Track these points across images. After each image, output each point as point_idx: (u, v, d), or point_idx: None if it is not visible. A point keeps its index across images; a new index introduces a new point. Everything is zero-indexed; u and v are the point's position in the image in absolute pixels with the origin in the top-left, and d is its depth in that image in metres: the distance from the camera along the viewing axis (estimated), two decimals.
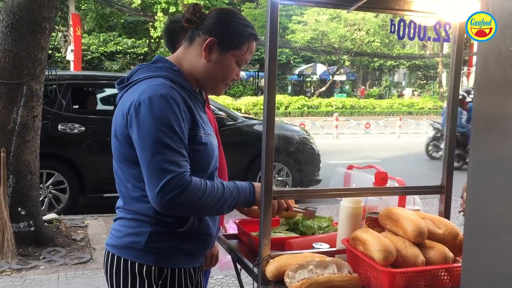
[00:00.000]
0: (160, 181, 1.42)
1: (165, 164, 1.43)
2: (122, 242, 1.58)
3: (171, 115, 1.45)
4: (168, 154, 1.43)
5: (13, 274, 4.12)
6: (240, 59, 1.63)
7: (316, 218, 2.24)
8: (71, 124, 5.92)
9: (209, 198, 1.50)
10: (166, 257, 1.57)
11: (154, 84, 1.50)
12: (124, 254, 1.58)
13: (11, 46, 4.40)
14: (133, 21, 25.62)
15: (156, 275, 1.56)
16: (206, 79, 1.63)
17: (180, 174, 1.44)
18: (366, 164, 2.35)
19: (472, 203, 1.16)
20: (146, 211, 1.55)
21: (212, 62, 1.60)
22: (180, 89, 1.54)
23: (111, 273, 1.60)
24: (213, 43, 1.58)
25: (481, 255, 1.13)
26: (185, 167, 1.46)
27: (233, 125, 6.58)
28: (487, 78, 1.11)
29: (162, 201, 1.43)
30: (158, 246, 1.56)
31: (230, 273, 3.92)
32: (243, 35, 1.60)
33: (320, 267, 1.64)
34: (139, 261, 1.56)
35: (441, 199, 2.09)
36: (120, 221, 1.62)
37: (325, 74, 32.62)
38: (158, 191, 1.42)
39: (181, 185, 1.43)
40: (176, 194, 1.42)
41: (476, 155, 1.13)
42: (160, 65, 1.59)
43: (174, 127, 1.45)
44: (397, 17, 1.90)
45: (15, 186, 4.52)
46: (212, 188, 1.52)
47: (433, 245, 1.74)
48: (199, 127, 1.56)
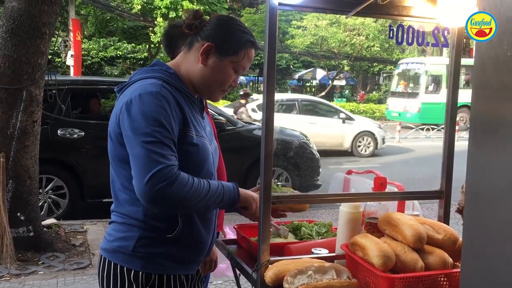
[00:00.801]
0: (148, 172, 1.41)
1: (154, 156, 1.42)
2: (112, 245, 1.59)
3: (160, 111, 1.47)
4: (157, 147, 1.43)
5: (12, 280, 4.11)
6: (238, 65, 1.64)
7: (316, 224, 2.25)
8: (70, 129, 5.92)
9: (196, 193, 1.48)
10: (154, 263, 1.57)
11: (145, 83, 1.53)
12: (113, 258, 1.59)
13: (10, 51, 4.41)
14: (133, 26, 25.65)
15: (144, 281, 1.55)
16: (203, 84, 1.64)
17: (169, 166, 1.43)
18: (365, 169, 2.35)
19: (471, 208, 1.16)
20: (135, 214, 1.55)
21: (209, 67, 1.61)
22: (173, 89, 1.56)
23: (102, 276, 1.61)
24: (210, 49, 1.60)
25: (480, 260, 1.13)
26: (173, 161, 1.46)
27: (232, 130, 6.58)
28: (484, 83, 1.11)
29: (150, 192, 1.41)
30: (146, 251, 1.56)
31: (230, 278, 3.91)
32: (240, 41, 1.62)
33: (319, 272, 1.64)
34: (127, 266, 1.56)
35: (440, 204, 2.09)
36: (112, 224, 1.64)
37: (324, 79, 32.68)
38: (146, 181, 1.40)
39: (169, 176, 1.42)
40: (165, 186, 1.41)
41: (474, 160, 1.13)
42: (157, 68, 1.62)
43: (163, 122, 1.46)
44: (396, 23, 1.91)
45: (14, 191, 4.52)
46: (199, 183, 1.50)
47: (432, 251, 1.73)
48: (190, 128, 1.56)
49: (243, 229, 2.20)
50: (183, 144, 1.53)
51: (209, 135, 1.71)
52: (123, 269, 1.56)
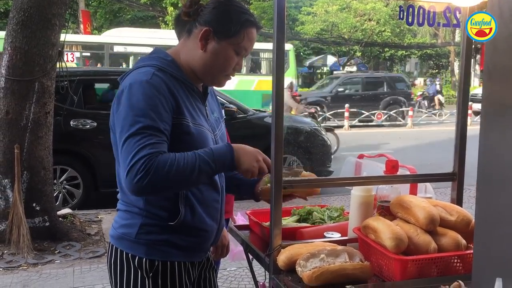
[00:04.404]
0: (126, 166, 1.41)
1: (133, 149, 1.41)
2: (117, 232, 1.62)
3: (148, 100, 1.45)
4: (139, 139, 1.42)
5: (29, 269, 4.18)
6: (239, 47, 1.59)
7: (328, 208, 2.25)
8: (83, 120, 5.97)
9: (180, 169, 1.44)
10: (157, 250, 1.57)
11: (138, 72, 1.53)
12: (119, 245, 1.61)
13: (22, 43, 4.44)
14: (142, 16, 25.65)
15: (148, 267, 1.57)
16: (204, 70, 1.61)
17: (144, 156, 1.40)
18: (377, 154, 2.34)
19: (483, 189, 1.15)
20: (137, 203, 1.57)
21: (209, 52, 1.58)
22: (167, 77, 1.53)
23: (110, 262, 1.64)
24: (209, 33, 1.56)
25: (492, 241, 1.13)
26: (154, 149, 1.42)
27: (243, 118, 6.58)
28: (496, 62, 1.10)
29: (130, 186, 1.41)
30: (149, 238, 1.57)
31: (243, 265, 3.94)
32: (239, 22, 1.57)
33: (332, 255, 1.64)
34: (132, 252, 1.58)
35: (453, 187, 2.07)
36: (118, 212, 1.66)
37: (335, 66, 32.43)
38: (126, 175, 1.41)
39: (145, 167, 1.39)
40: (140, 177, 1.39)
41: (486, 140, 1.12)
42: (154, 56, 1.60)
43: (149, 112, 1.44)
44: (407, 4, 1.88)
45: (29, 182, 4.58)
46: (182, 159, 1.45)
47: (445, 232, 1.73)
48: (184, 116, 1.53)
49: (255, 215, 2.21)
50: (178, 133, 1.51)
51: (214, 122, 1.69)
52: (128, 256, 1.58)
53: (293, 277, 1.67)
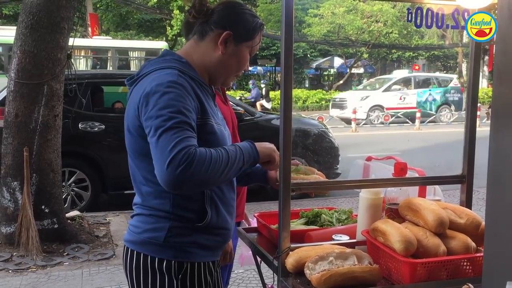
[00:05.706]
0: (167, 158, 1.40)
1: (172, 142, 1.41)
2: (141, 237, 1.59)
3: (179, 99, 1.47)
4: (175, 133, 1.42)
5: (38, 271, 4.20)
6: (253, 49, 1.68)
7: (336, 211, 2.24)
8: (91, 122, 6.00)
9: (217, 165, 1.46)
10: (186, 252, 1.58)
11: (161, 74, 1.53)
12: (143, 250, 1.59)
13: (31, 47, 4.47)
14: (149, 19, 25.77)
15: (176, 270, 1.57)
16: (221, 72, 1.66)
17: (185, 147, 1.41)
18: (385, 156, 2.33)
19: (493, 191, 1.14)
20: (163, 206, 1.56)
21: (228, 55, 1.63)
22: (188, 79, 1.56)
23: (130, 268, 1.61)
24: (229, 36, 1.61)
25: (503, 244, 1.12)
26: (191, 141, 1.44)
27: (251, 120, 6.59)
28: (506, 64, 1.09)
29: (172, 177, 1.40)
30: (177, 241, 1.57)
31: (251, 267, 3.93)
32: (254, 25, 1.65)
33: (340, 258, 1.64)
34: (159, 256, 1.57)
35: (462, 189, 2.06)
36: (138, 217, 1.63)
37: (342, 67, 32.41)
38: (166, 167, 1.39)
39: (187, 158, 1.40)
40: (184, 167, 1.39)
41: (496, 142, 1.11)
42: (169, 58, 1.61)
43: (181, 109, 1.46)
44: (415, 6, 1.87)
45: (38, 185, 4.60)
46: (217, 154, 1.48)
47: (454, 235, 1.72)
48: (208, 116, 1.56)
49: (264, 217, 2.21)
50: (203, 133, 1.53)
51: (221, 121, 1.71)
52: (154, 260, 1.57)
53: (301, 280, 1.67)
